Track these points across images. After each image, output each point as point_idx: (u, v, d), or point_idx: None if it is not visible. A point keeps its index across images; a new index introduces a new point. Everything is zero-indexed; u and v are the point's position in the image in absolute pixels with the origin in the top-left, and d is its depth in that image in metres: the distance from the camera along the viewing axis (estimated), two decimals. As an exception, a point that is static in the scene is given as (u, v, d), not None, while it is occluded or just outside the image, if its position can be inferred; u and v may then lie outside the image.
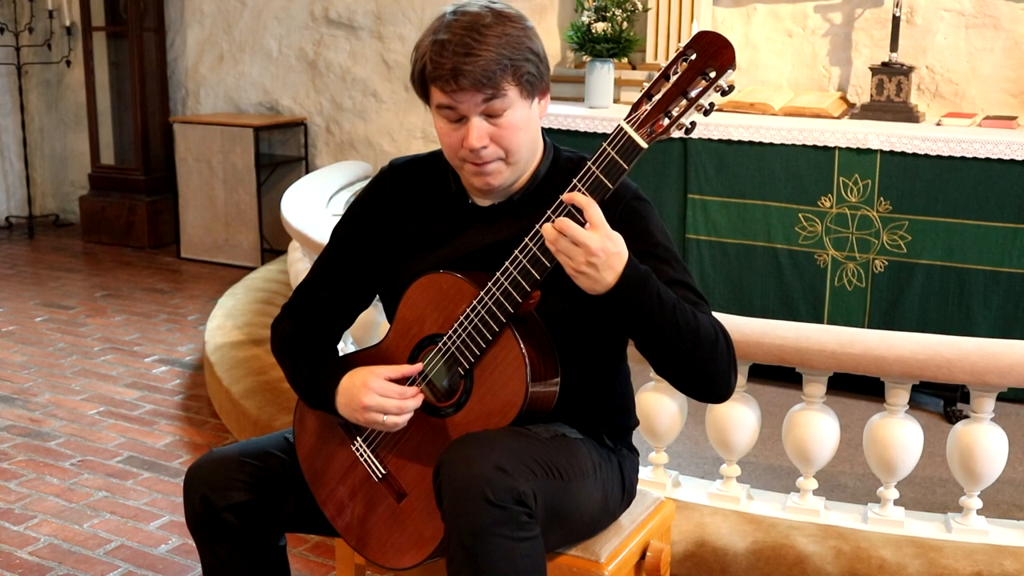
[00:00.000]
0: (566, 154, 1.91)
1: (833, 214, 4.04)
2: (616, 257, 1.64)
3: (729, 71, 1.59)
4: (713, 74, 1.59)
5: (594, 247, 1.61)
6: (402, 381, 1.83)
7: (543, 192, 1.82)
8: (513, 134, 1.77)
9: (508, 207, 1.86)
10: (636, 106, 1.63)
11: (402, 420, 1.80)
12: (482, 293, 1.73)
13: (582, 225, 1.63)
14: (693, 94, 1.60)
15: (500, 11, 1.76)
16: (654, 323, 1.68)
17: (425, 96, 1.81)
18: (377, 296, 2.03)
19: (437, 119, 1.80)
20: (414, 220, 1.93)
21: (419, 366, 1.82)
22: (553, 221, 1.64)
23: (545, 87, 1.82)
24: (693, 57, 1.60)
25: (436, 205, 1.92)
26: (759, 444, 3.25)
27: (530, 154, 1.84)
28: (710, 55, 1.59)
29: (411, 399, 1.79)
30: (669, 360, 1.72)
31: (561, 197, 1.66)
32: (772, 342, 2.64)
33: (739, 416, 2.76)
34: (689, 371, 1.73)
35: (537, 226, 1.68)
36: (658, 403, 2.81)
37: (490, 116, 1.75)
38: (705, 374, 1.74)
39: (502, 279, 1.71)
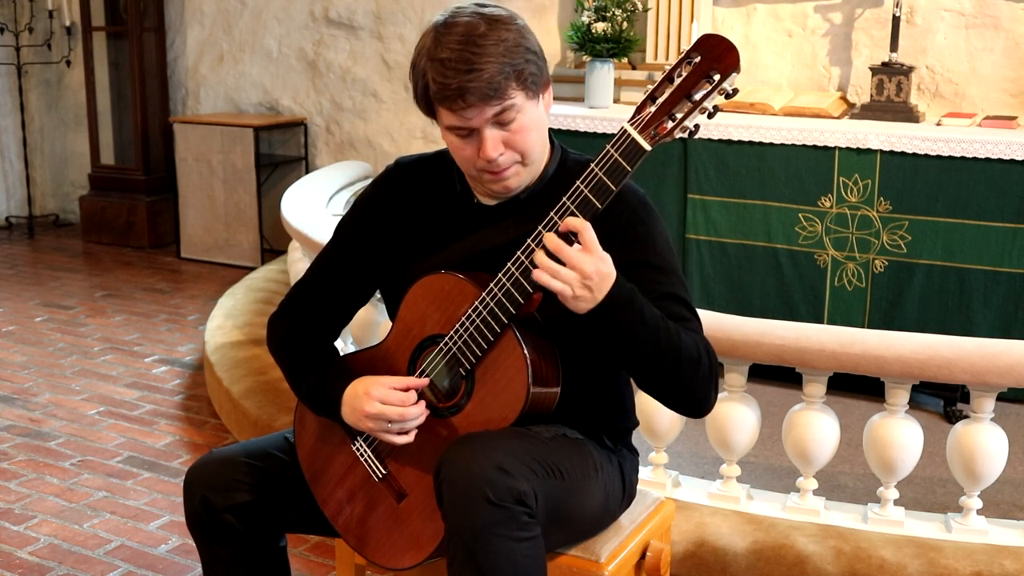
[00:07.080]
0: (573, 156, 1.91)
1: (833, 214, 4.04)
2: (608, 277, 1.66)
3: (733, 74, 1.59)
4: (717, 77, 1.59)
5: (589, 270, 1.63)
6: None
7: (549, 192, 1.82)
8: (526, 137, 1.77)
9: (514, 206, 1.86)
10: (640, 108, 1.63)
11: (409, 435, 1.80)
12: (483, 294, 1.73)
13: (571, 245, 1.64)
14: (697, 97, 1.60)
15: (491, 16, 1.74)
16: (636, 341, 1.69)
17: (431, 114, 1.80)
18: (375, 293, 2.03)
19: (448, 135, 1.79)
20: (419, 219, 1.93)
21: (425, 380, 1.81)
22: (539, 246, 1.65)
23: (547, 81, 1.82)
24: (697, 60, 1.60)
25: (441, 204, 1.92)
26: (759, 444, 3.25)
27: (543, 150, 1.84)
28: (714, 58, 1.59)
29: (414, 407, 1.79)
30: (649, 377, 1.75)
31: (557, 219, 1.66)
32: (772, 342, 2.64)
33: (739, 416, 2.76)
34: (668, 388, 1.77)
35: (540, 227, 1.69)
36: (658, 403, 2.79)
37: (501, 124, 1.75)
38: (684, 392, 1.77)
39: (504, 280, 1.71)
